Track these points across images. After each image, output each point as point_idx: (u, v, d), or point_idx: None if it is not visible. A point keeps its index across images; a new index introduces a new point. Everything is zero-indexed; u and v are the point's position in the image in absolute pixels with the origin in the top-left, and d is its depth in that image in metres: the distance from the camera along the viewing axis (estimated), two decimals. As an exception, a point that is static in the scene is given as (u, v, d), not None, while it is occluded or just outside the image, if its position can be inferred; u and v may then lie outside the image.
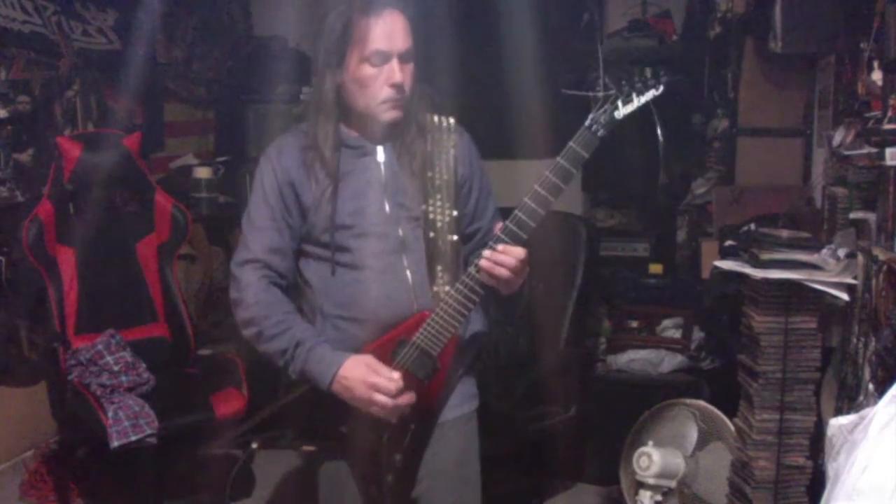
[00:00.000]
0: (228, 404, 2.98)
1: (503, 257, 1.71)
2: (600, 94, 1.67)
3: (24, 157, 3.27)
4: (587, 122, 1.67)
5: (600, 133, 1.67)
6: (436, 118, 1.91)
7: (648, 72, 1.67)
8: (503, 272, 1.72)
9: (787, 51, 3.00)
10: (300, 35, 4.54)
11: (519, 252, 1.72)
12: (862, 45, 2.51)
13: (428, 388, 1.84)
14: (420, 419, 1.88)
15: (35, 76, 3.33)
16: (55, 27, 3.46)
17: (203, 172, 4.17)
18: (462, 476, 1.97)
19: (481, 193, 1.98)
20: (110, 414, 2.77)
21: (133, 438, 2.72)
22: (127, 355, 3.05)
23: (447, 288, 1.80)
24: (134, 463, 2.96)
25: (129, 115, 3.86)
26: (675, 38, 4.32)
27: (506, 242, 1.71)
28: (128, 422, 2.75)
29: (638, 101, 1.66)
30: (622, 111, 1.66)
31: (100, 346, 3.03)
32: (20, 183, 3.24)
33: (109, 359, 3.00)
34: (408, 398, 1.80)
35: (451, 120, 1.90)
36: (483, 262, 1.72)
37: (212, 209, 4.14)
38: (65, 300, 3.10)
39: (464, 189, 1.93)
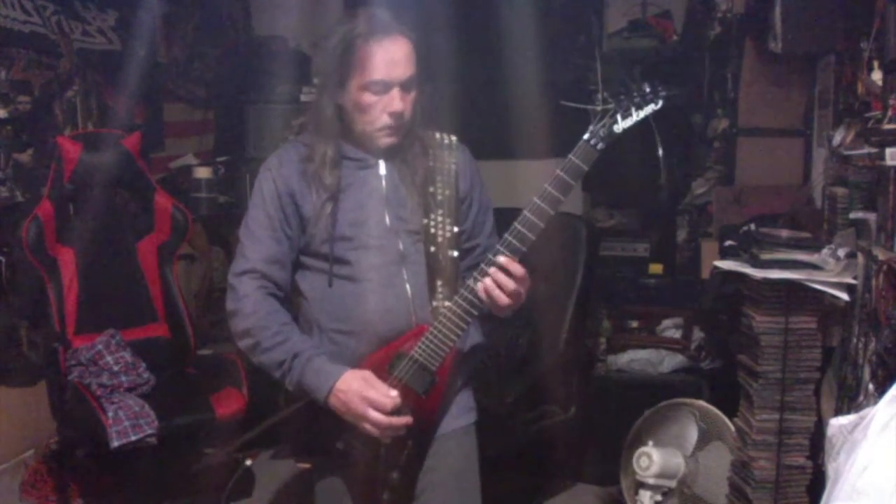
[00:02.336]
0: (228, 404, 2.99)
1: (503, 278, 1.69)
2: (599, 109, 1.66)
3: (24, 157, 3.26)
4: (586, 136, 1.66)
5: (599, 146, 1.66)
6: (438, 135, 1.91)
7: (647, 86, 1.66)
8: (501, 296, 1.70)
9: (787, 51, 3.00)
10: (300, 35, 4.54)
11: (518, 270, 1.70)
12: (862, 45, 2.51)
13: (426, 402, 1.81)
14: (418, 434, 1.85)
15: (35, 76, 3.32)
16: (55, 27, 3.45)
17: (203, 172, 4.17)
18: (461, 489, 1.93)
19: (480, 209, 1.96)
20: (110, 414, 2.77)
21: (133, 438, 2.73)
22: (127, 355, 3.05)
23: (446, 303, 1.78)
24: (134, 463, 2.96)
25: (129, 115, 3.85)
26: (675, 38, 4.32)
27: (506, 255, 1.69)
28: (128, 422, 2.75)
29: (637, 116, 1.66)
30: (621, 125, 1.66)
31: (100, 346, 3.03)
32: (20, 183, 3.23)
33: (109, 359, 3.00)
34: (403, 420, 1.76)
35: (453, 137, 1.91)
36: (483, 283, 1.70)
37: (212, 209, 4.14)
38: (65, 300, 3.10)
39: (464, 205, 1.92)
